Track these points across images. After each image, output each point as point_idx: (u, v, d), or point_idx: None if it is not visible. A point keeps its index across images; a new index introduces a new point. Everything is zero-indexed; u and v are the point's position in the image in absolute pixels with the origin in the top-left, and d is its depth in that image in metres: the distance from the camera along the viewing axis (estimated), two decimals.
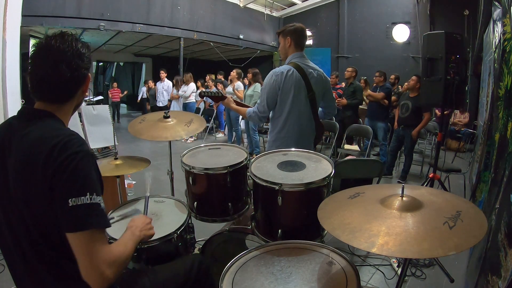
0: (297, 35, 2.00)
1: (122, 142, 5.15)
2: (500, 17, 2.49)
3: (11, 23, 2.87)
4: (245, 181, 1.62)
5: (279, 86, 1.93)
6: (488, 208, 1.81)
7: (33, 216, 0.83)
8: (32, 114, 0.89)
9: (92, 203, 0.80)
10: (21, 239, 0.85)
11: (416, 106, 4.09)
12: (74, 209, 0.78)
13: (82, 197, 0.79)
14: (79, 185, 0.80)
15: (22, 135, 0.85)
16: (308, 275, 1.00)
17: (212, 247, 1.65)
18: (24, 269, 0.87)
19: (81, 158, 0.82)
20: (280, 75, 1.93)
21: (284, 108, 1.97)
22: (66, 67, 0.87)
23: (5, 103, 2.77)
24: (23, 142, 0.84)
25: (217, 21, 8.83)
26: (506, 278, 1.11)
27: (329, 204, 1.07)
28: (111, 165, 1.90)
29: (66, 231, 0.80)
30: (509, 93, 1.78)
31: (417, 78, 4.16)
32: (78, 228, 0.79)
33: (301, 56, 2.03)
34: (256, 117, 2.04)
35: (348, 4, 9.30)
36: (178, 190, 2.21)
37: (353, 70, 5.13)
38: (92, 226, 0.80)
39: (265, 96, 1.97)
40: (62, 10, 6.02)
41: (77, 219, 0.79)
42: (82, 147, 0.84)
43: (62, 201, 0.78)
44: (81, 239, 0.79)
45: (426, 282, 2.14)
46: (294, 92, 1.94)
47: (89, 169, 0.83)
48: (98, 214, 0.82)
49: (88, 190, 0.80)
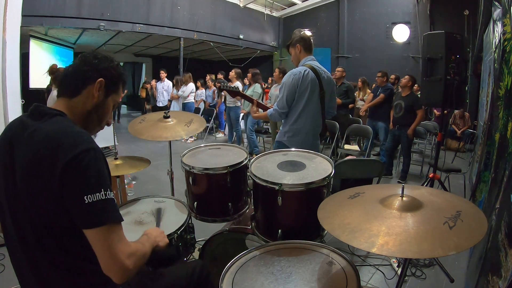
0: (304, 41, 2.22)
1: (122, 142, 5.15)
2: (500, 17, 2.49)
3: (11, 23, 2.87)
4: (245, 181, 1.62)
5: (297, 84, 2.10)
6: (488, 208, 1.81)
7: (39, 213, 0.83)
8: (43, 112, 0.90)
9: (107, 199, 0.82)
10: (26, 235, 0.86)
11: (408, 105, 4.13)
12: (91, 206, 0.80)
13: (97, 193, 0.81)
14: (94, 182, 0.81)
15: (31, 131, 0.86)
16: (308, 275, 1.00)
17: (212, 247, 1.65)
18: (29, 266, 0.88)
19: (93, 155, 0.83)
20: (298, 75, 2.10)
21: (300, 104, 2.13)
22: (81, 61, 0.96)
23: (5, 103, 2.77)
24: (32, 138, 0.85)
25: (217, 21, 8.83)
26: (507, 278, 1.10)
27: (329, 204, 1.07)
28: (111, 165, 1.90)
29: (84, 227, 0.81)
30: (509, 93, 1.77)
31: (409, 77, 4.24)
32: (97, 224, 0.80)
33: (313, 59, 2.22)
34: (276, 114, 2.19)
35: (348, 4, 9.30)
36: (178, 190, 2.21)
37: (343, 70, 5.22)
38: (109, 221, 0.82)
39: (285, 93, 2.12)
40: (62, 10, 6.02)
41: (94, 215, 0.80)
42: (92, 144, 0.85)
43: (77, 198, 0.80)
44: (99, 234, 0.81)
45: (426, 282, 2.14)
46: (310, 90, 2.11)
47: (101, 166, 0.85)
48: (113, 209, 0.84)
49: (103, 186, 0.82)
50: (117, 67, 1.02)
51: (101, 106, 0.99)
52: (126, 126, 2.25)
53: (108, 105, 1.01)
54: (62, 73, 0.99)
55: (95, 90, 0.96)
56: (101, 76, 0.96)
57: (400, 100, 4.26)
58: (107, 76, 0.97)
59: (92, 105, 0.97)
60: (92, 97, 0.96)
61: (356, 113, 6.18)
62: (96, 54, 0.99)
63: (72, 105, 0.95)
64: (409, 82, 4.19)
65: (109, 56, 1.01)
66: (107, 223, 0.81)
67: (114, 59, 1.02)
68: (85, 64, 0.96)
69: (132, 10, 6.99)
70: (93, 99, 0.96)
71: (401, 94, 4.30)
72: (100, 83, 0.96)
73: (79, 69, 0.96)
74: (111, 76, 0.99)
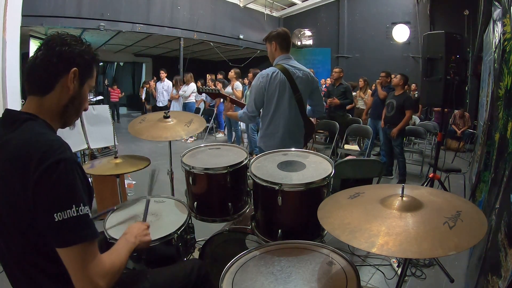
0: (281, 39, 2.10)
1: (122, 142, 5.15)
2: (500, 17, 2.49)
3: (11, 23, 2.87)
4: (245, 181, 1.62)
5: (265, 87, 2.03)
6: (488, 208, 1.81)
7: (18, 226, 0.79)
8: (14, 118, 0.84)
9: (79, 215, 0.76)
10: (11, 246, 0.83)
11: (400, 104, 4.10)
12: (61, 224, 0.74)
13: (68, 210, 0.74)
14: (63, 198, 0.75)
15: (2, 143, 0.80)
16: (308, 275, 0.99)
17: (212, 247, 1.65)
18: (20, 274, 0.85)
19: (63, 167, 0.75)
20: (266, 77, 2.04)
21: (270, 107, 2.07)
22: (47, 50, 0.84)
23: (5, 103, 2.77)
24: (3, 152, 0.79)
25: (217, 21, 8.83)
26: (506, 278, 1.10)
27: (329, 204, 1.07)
28: (111, 164, 1.90)
29: (55, 246, 0.76)
30: (509, 93, 1.77)
31: (401, 75, 4.21)
32: (68, 243, 0.75)
33: (287, 58, 2.12)
34: (246, 117, 2.14)
35: (348, 4, 9.31)
36: (178, 190, 2.21)
37: (341, 71, 5.16)
38: (82, 240, 0.77)
39: (253, 97, 2.07)
40: (62, 10, 6.03)
41: (65, 234, 0.75)
42: (63, 154, 0.77)
43: (47, 215, 0.74)
44: (71, 253, 0.76)
45: (426, 282, 2.14)
46: (279, 92, 2.03)
47: (72, 179, 0.77)
48: (86, 226, 0.78)
49: (74, 202, 0.76)
50: (89, 48, 0.91)
51: (77, 97, 0.90)
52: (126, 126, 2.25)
53: (85, 93, 0.92)
54: (28, 66, 0.85)
55: (70, 81, 0.86)
56: (74, 64, 0.86)
57: (392, 99, 4.24)
58: (81, 64, 0.87)
59: (67, 98, 0.88)
60: (67, 89, 0.87)
61: (356, 113, 6.19)
62: (63, 39, 0.86)
63: (45, 103, 0.86)
64: (400, 81, 4.15)
65: (78, 38, 0.90)
66: (78, 242, 0.76)
67: (83, 40, 0.91)
68: (54, 54, 0.84)
69: (132, 10, 7.00)
70: (68, 92, 0.87)
71: (394, 93, 4.28)
72: (74, 73, 0.86)
73: (47, 61, 0.83)
74: (84, 62, 0.88)
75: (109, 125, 3.44)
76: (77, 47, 0.87)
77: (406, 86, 4.30)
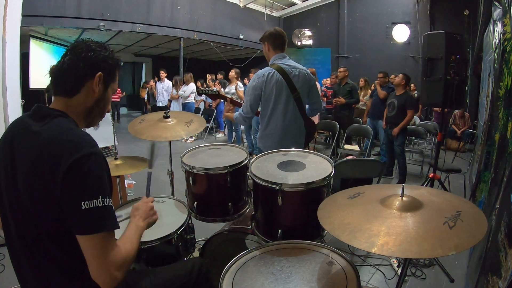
0: (273, 39, 2.08)
1: (122, 142, 5.14)
2: (500, 17, 2.49)
3: (11, 23, 2.86)
4: (245, 181, 1.62)
5: (261, 88, 2.02)
6: (488, 208, 1.81)
7: (40, 214, 0.83)
8: (45, 113, 0.89)
9: (104, 206, 0.81)
10: (26, 235, 0.86)
11: (401, 104, 4.09)
12: (87, 212, 0.78)
13: (95, 200, 0.79)
14: (92, 188, 0.80)
15: (34, 133, 0.85)
16: (308, 275, 1.00)
17: (212, 247, 1.65)
18: (28, 265, 0.87)
19: (94, 160, 0.81)
20: (262, 78, 2.01)
21: (268, 108, 2.05)
22: (74, 55, 0.91)
23: (5, 103, 2.76)
24: (34, 141, 0.84)
25: (217, 21, 8.83)
26: (507, 278, 1.10)
27: (329, 204, 1.07)
28: (111, 165, 1.90)
29: (78, 233, 0.80)
30: (509, 93, 1.77)
31: (403, 75, 4.18)
32: (91, 231, 0.79)
33: (281, 57, 2.09)
34: (241, 118, 2.12)
35: (348, 4, 9.30)
36: (178, 190, 2.21)
37: (345, 70, 5.14)
38: (104, 229, 0.81)
39: (249, 97, 2.05)
40: (62, 10, 6.02)
41: (90, 222, 0.79)
42: (94, 148, 0.83)
43: (74, 203, 0.78)
44: (92, 241, 0.80)
45: (426, 282, 2.14)
46: (276, 92, 2.01)
47: (101, 172, 0.83)
48: (110, 216, 0.83)
49: (101, 193, 0.81)
50: (112, 54, 0.98)
51: (102, 99, 0.97)
52: (126, 126, 2.25)
53: (108, 96, 0.99)
54: (55, 70, 0.93)
55: (95, 85, 0.93)
56: (99, 69, 0.92)
57: (393, 99, 4.22)
58: (105, 68, 0.94)
59: (93, 100, 0.94)
60: (93, 92, 0.93)
61: (356, 113, 6.19)
62: (89, 45, 0.93)
63: (72, 104, 0.92)
64: (402, 80, 4.13)
65: (103, 44, 0.96)
66: (102, 230, 0.80)
67: (107, 46, 0.97)
68: (80, 59, 0.90)
69: (132, 10, 6.99)
70: (94, 95, 0.94)
71: (395, 93, 4.26)
72: (99, 77, 0.93)
73: (74, 66, 0.90)
74: (108, 67, 0.95)
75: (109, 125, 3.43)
76: (101, 53, 0.94)
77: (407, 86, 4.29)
